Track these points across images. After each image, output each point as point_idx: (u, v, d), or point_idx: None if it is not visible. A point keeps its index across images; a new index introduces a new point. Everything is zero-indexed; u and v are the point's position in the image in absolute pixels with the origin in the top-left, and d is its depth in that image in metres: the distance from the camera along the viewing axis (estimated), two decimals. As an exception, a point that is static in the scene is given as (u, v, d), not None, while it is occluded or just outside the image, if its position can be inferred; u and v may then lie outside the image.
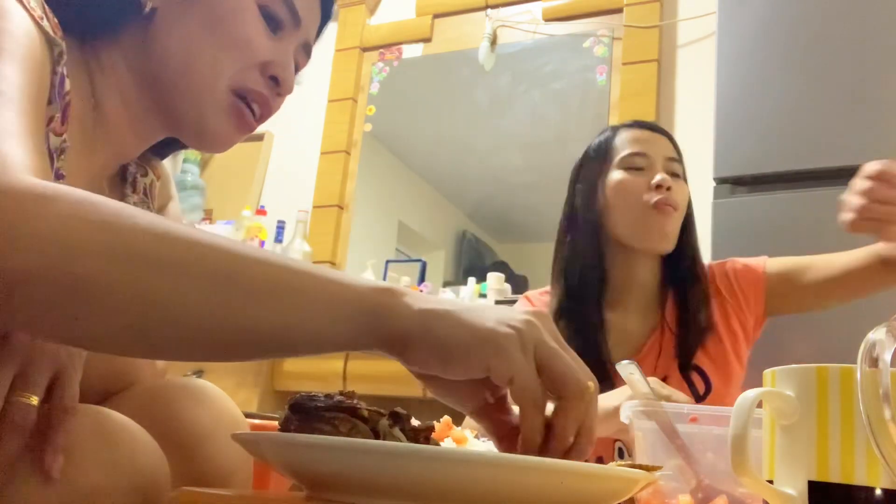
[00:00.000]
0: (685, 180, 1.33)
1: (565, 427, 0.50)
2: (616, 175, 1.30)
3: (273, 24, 0.75)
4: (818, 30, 1.61)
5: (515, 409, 0.52)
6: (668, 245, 1.29)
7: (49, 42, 0.61)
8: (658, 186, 1.26)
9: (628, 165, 1.30)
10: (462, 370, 0.50)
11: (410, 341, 0.50)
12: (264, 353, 0.51)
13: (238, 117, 0.75)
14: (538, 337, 0.51)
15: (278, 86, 0.76)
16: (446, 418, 0.77)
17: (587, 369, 0.52)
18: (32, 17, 0.59)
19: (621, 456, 1.19)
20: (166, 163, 0.88)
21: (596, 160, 1.35)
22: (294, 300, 0.49)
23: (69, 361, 0.56)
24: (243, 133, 0.77)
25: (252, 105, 0.76)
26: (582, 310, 1.27)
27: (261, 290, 0.48)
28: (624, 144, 1.32)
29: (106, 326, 0.46)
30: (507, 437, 0.56)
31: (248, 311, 0.48)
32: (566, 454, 0.51)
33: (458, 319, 0.50)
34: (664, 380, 1.20)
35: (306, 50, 0.81)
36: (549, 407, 0.51)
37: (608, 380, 1.15)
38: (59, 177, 0.64)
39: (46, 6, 0.63)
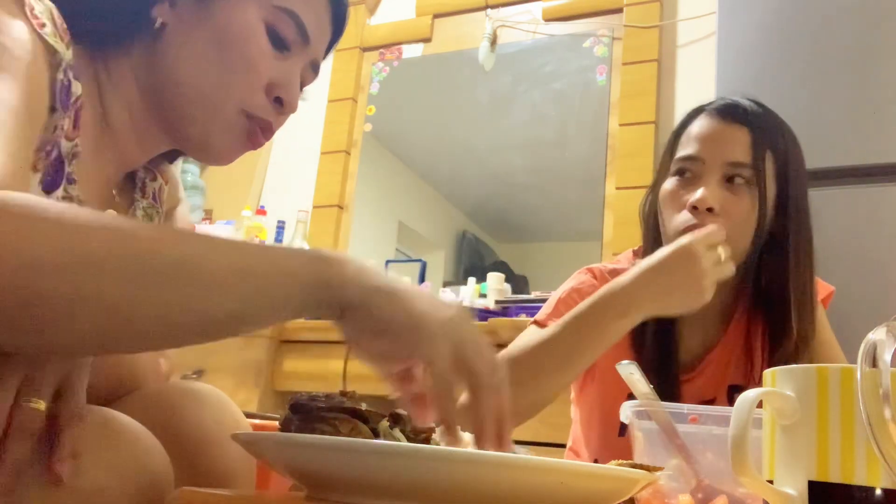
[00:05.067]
0: (768, 186, 1.04)
1: (481, 414, 0.55)
2: (667, 181, 1.08)
3: (280, 44, 0.74)
4: (818, 29, 1.61)
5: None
6: None
7: (49, 51, 0.60)
8: (694, 208, 1.02)
9: (678, 171, 1.07)
10: (390, 347, 0.56)
11: (349, 312, 0.55)
12: (221, 336, 0.55)
13: (251, 138, 0.75)
14: (463, 331, 0.57)
15: (282, 106, 0.76)
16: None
17: (496, 363, 0.58)
18: (31, 25, 0.59)
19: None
20: (175, 173, 0.88)
21: (668, 148, 1.12)
22: (248, 284, 0.52)
23: (76, 367, 0.56)
24: (249, 150, 0.78)
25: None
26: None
27: (215, 279, 0.51)
28: (687, 139, 1.08)
29: (70, 337, 0.48)
30: (413, 401, 0.60)
31: (204, 302, 0.51)
32: (490, 444, 0.55)
33: (396, 300, 0.55)
34: (711, 402, 1.10)
35: (314, 68, 0.80)
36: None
37: (674, 392, 1.06)
38: (70, 181, 0.65)
39: (56, 13, 0.63)
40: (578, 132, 2.60)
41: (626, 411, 0.78)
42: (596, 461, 1.21)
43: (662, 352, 1.11)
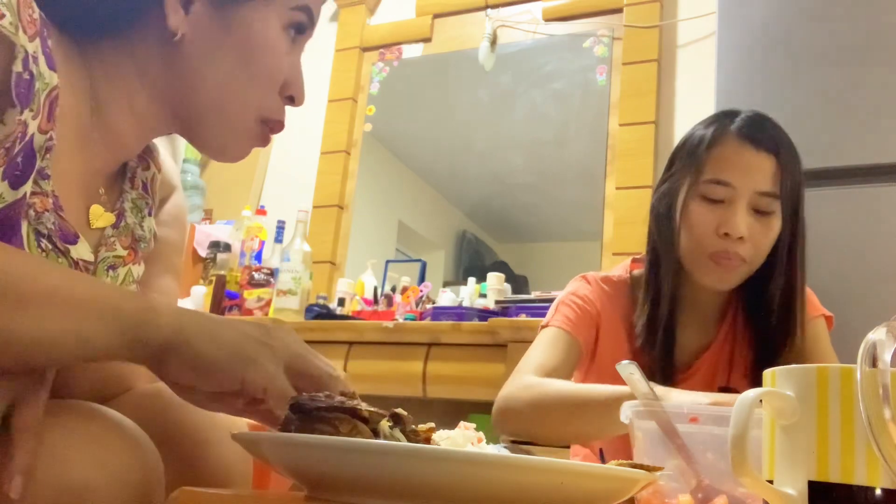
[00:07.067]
0: (791, 212, 1.12)
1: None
2: (692, 201, 1.13)
3: (294, 38, 0.76)
4: (818, 29, 1.61)
5: None
6: (727, 288, 1.15)
7: (4, 43, 0.58)
8: (726, 235, 1.09)
9: (706, 194, 1.11)
10: (217, 383, 0.56)
11: (168, 355, 0.55)
12: (27, 362, 0.54)
13: (262, 141, 0.78)
14: (290, 348, 0.59)
15: (293, 102, 0.77)
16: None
17: (329, 364, 0.62)
18: None
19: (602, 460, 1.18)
20: (168, 160, 0.88)
21: (687, 164, 1.16)
22: (66, 311, 0.52)
23: (30, 386, 0.56)
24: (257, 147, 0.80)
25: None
26: (657, 318, 1.16)
27: (33, 302, 0.51)
28: (714, 162, 1.11)
29: None
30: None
31: (14, 324, 0.50)
32: None
33: (213, 335, 0.56)
34: None
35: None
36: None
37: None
38: (43, 176, 0.63)
39: (24, 3, 0.60)
40: (578, 132, 2.60)
41: (626, 411, 0.78)
42: (601, 451, 1.23)
43: (666, 352, 1.15)
